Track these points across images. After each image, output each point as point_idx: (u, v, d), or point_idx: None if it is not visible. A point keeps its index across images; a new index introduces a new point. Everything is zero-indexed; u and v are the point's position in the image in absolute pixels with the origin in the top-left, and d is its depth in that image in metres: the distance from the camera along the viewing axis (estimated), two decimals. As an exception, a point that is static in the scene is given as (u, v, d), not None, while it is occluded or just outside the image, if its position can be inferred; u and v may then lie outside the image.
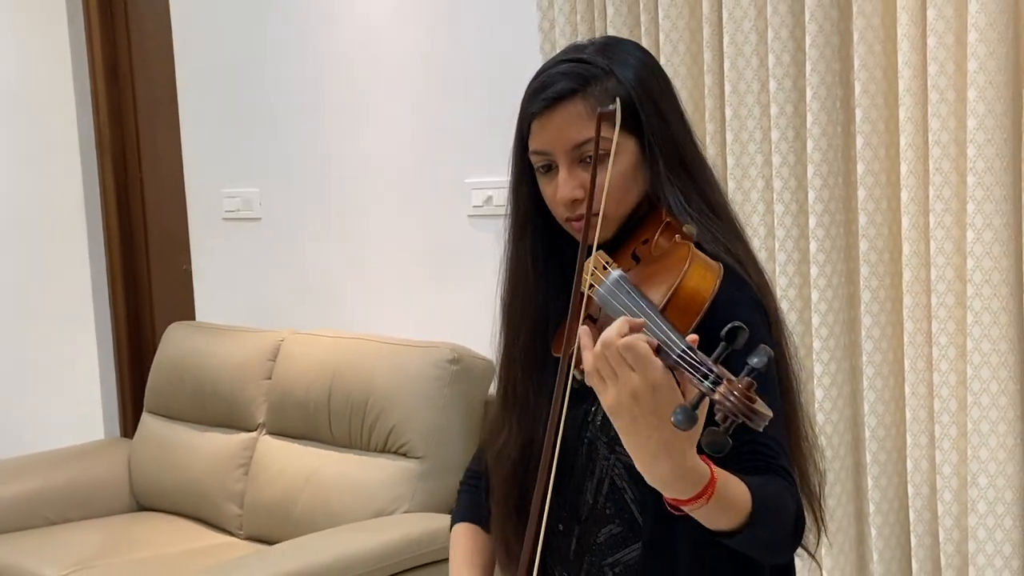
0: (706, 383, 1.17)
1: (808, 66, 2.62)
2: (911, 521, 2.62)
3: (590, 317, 1.44)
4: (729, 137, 2.79)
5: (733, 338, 1.19)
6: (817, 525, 1.63)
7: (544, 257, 1.62)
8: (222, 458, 3.77)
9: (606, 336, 1.26)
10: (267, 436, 3.70)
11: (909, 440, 2.60)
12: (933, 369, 2.55)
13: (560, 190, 1.54)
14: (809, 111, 2.64)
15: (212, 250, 4.39)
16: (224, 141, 4.26)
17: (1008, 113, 2.39)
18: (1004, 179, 2.40)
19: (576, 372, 1.39)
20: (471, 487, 1.79)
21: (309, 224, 4.02)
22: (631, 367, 1.24)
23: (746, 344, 1.20)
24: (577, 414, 1.55)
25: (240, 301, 4.29)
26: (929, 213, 2.51)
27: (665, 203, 1.53)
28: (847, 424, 2.72)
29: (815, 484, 1.62)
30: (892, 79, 2.58)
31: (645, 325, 1.28)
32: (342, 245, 3.93)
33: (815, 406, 2.68)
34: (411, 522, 3.12)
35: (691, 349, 1.22)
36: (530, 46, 3.13)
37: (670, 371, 1.25)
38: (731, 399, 1.14)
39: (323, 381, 3.52)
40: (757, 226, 2.79)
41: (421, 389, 3.30)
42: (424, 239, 3.69)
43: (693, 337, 1.26)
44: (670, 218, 1.52)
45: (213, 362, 3.90)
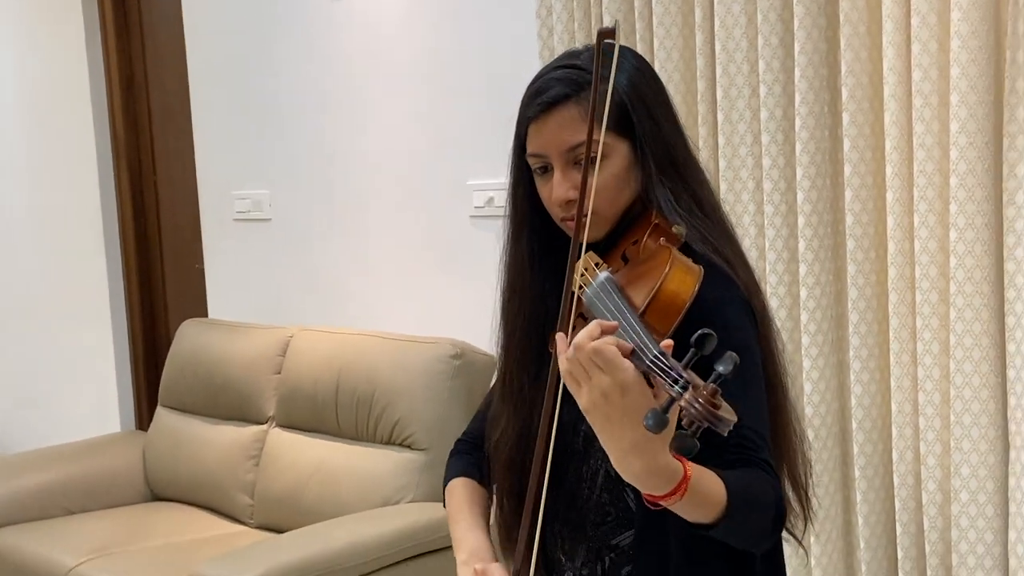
0: (676, 387, 1.17)
1: (797, 72, 2.62)
2: (896, 510, 2.62)
3: (582, 316, 1.44)
4: (721, 140, 2.78)
5: (702, 344, 1.19)
6: (804, 512, 1.62)
7: (541, 256, 1.61)
8: (234, 450, 3.77)
9: (578, 340, 1.27)
10: (277, 429, 3.70)
11: (895, 432, 2.60)
12: (917, 363, 2.55)
13: (555, 191, 1.54)
14: (798, 115, 2.63)
15: (223, 250, 4.39)
16: (235, 145, 4.26)
17: (989, 117, 2.38)
18: (985, 181, 2.39)
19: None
20: (461, 453, 1.79)
21: (317, 224, 4.02)
22: (601, 369, 1.25)
23: (718, 347, 1.20)
24: (572, 407, 1.54)
25: (250, 299, 4.29)
26: (913, 213, 2.51)
27: (656, 204, 1.53)
28: (835, 416, 2.72)
29: (801, 474, 1.61)
30: (878, 84, 2.58)
31: (618, 328, 1.29)
32: (348, 244, 3.92)
33: (804, 399, 2.68)
34: (415, 511, 3.12)
35: (663, 355, 1.22)
36: (529, 53, 3.13)
37: (642, 374, 1.25)
38: (696, 405, 1.15)
39: (330, 376, 3.52)
40: (748, 226, 2.79)
41: (425, 383, 3.30)
42: (427, 239, 3.68)
43: (668, 343, 1.26)
44: (659, 220, 1.52)
45: (225, 357, 3.90)
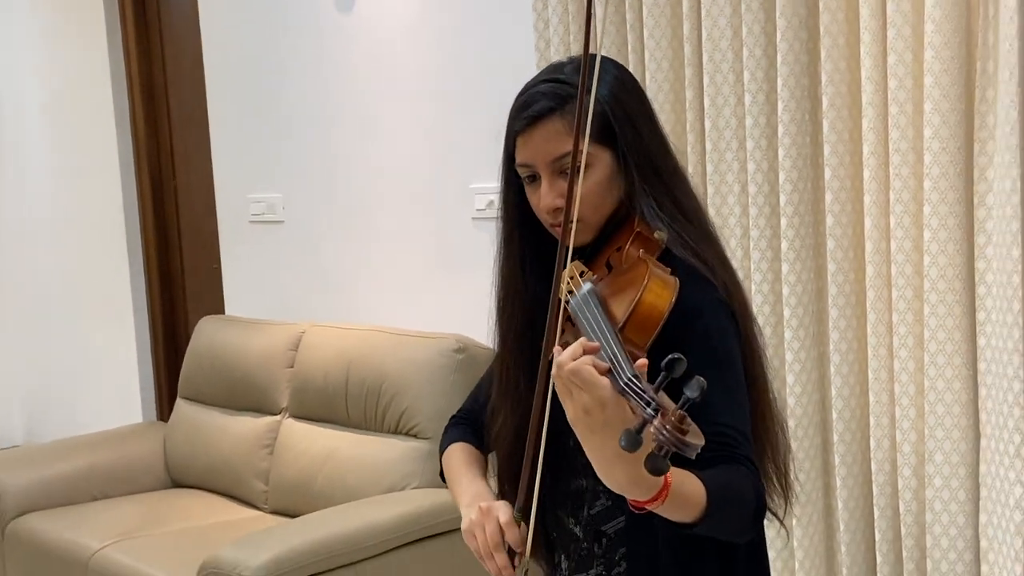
0: (648, 409, 1.17)
1: (779, 81, 2.63)
2: (874, 495, 2.62)
3: (569, 320, 1.45)
4: (708, 146, 2.79)
5: (672, 368, 1.19)
6: (785, 497, 1.63)
7: (532, 260, 1.62)
8: (249, 439, 3.78)
9: (560, 359, 1.28)
10: (290, 419, 3.71)
11: (872, 421, 2.61)
12: (894, 356, 2.56)
13: (543, 200, 1.55)
14: (780, 122, 2.64)
15: (239, 250, 4.40)
16: (250, 151, 4.27)
17: (961, 124, 2.39)
18: (957, 184, 2.40)
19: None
20: (457, 425, 1.79)
21: (327, 226, 4.03)
22: (581, 388, 1.25)
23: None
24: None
25: (265, 297, 4.30)
26: (890, 215, 2.52)
27: (638, 210, 1.53)
28: (816, 407, 2.73)
29: (782, 461, 1.62)
30: (856, 93, 2.58)
31: (599, 349, 1.29)
32: (357, 245, 3.93)
33: (787, 390, 2.69)
34: (420, 497, 3.13)
35: (636, 377, 1.23)
36: (527, 64, 3.12)
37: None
38: (664, 432, 1.14)
39: (340, 369, 3.53)
40: (734, 227, 2.79)
41: (429, 376, 3.30)
42: (431, 239, 3.69)
43: (642, 362, 1.27)
44: (641, 227, 1.52)
45: (241, 352, 3.90)
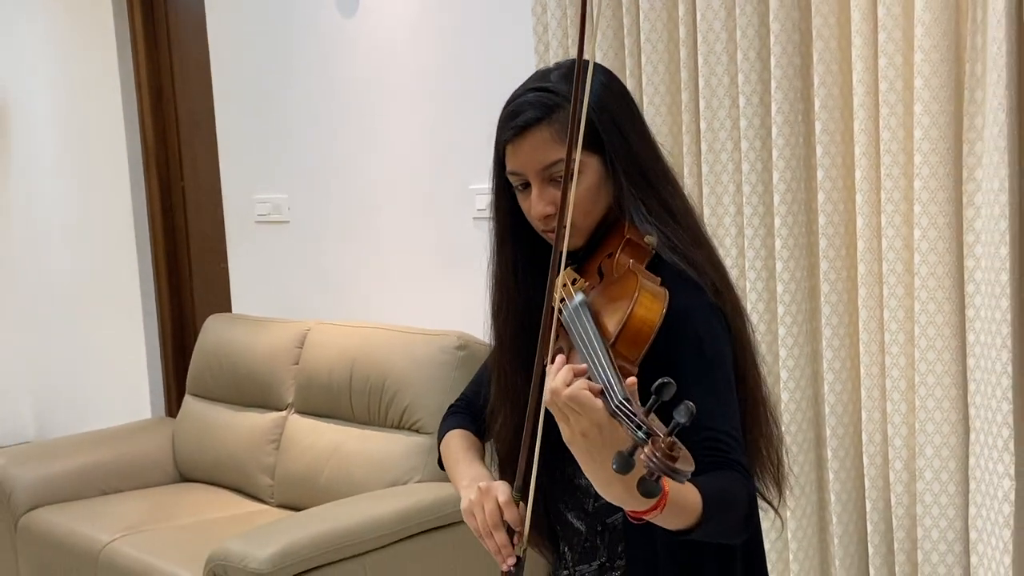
0: (639, 433, 1.16)
1: (773, 84, 2.62)
2: (866, 488, 2.62)
3: (562, 326, 1.44)
4: (704, 147, 2.79)
5: (661, 392, 1.17)
6: (779, 488, 1.63)
7: (525, 265, 1.60)
8: (256, 435, 3.78)
9: (554, 385, 1.26)
10: (295, 415, 3.70)
11: (864, 415, 2.61)
12: (885, 352, 2.55)
13: (534, 207, 1.53)
14: (774, 124, 2.64)
15: (246, 250, 4.39)
16: (256, 153, 4.27)
17: (950, 125, 2.39)
18: (946, 183, 2.40)
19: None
20: (455, 412, 1.78)
21: (331, 226, 4.02)
22: (578, 413, 1.24)
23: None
24: None
25: (271, 295, 4.29)
26: (881, 214, 2.52)
27: (628, 215, 1.52)
28: (809, 402, 2.72)
29: (775, 453, 1.61)
30: (847, 96, 2.58)
31: (588, 371, 1.28)
32: (360, 245, 3.93)
33: (780, 386, 2.68)
34: (423, 491, 3.12)
35: (627, 400, 1.21)
36: (527, 67, 3.12)
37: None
38: (654, 460, 1.14)
39: (344, 366, 3.52)
40: (729, 226, 2.79)
41: (431, 372, 3.30)
42: (433, 239, 3.69)
43: (631, 380, 1.26)
44: (631, 233, 1.51)
45: (247, 349, 3.90)
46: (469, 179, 3.51)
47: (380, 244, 3.86)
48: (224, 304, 4.54)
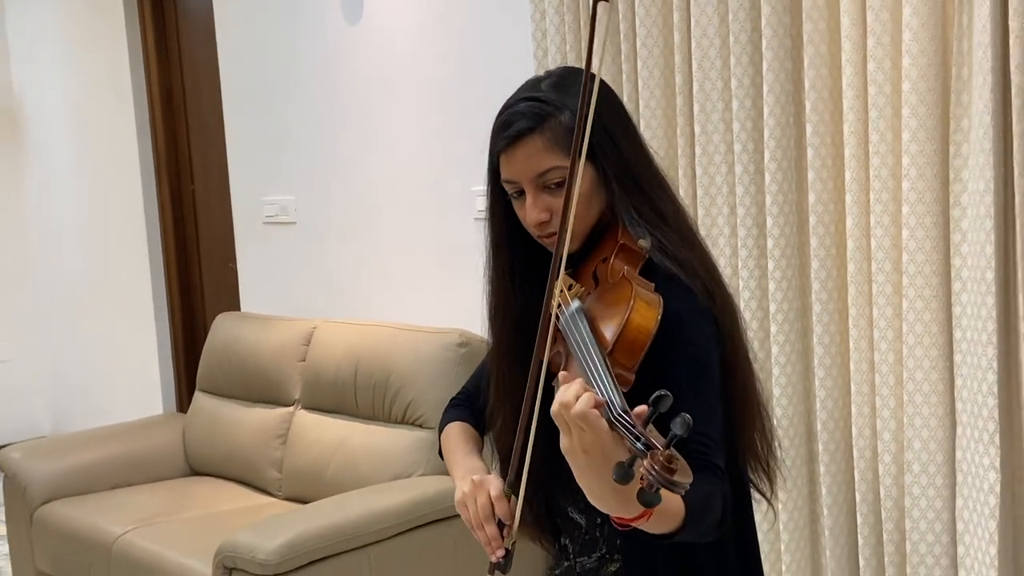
0: (638, 444, 1.16)
1: (765, 88, 2.62)
2: (855, 480, 2.62)
3: (559, 330, 1.43)
4: (698, 150, 2.79)
5: (658, 404, 1.17)
6: (770, 479, 1.63)
7: (520, 269, 1.60)
8: (264, 430, 3.78)
9: (564, 398, 1.24)
10: (302, 410, 3.70)
11: (853, 410, 2.61)
12: (874, 349, 2.55)
13: (528, 214, 1.53)
14: (766, 127, 2.64)
15: (254, 250, 4.40)
16: (264, 156, 4.27)
17: (937, 127, 2.39)
18: (933, 184, 2.40)
19: (554, 384, 1.38)
20: (455, 406, 1.77)
21: (337, 227, 4.02)
22: (584, 430, 1.23)
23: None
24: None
25: (278, 294, 4.30)
26: (870, 214, 2.52)
27: (620, 220, 1.51)
28: (800, 398, 2.72)
29: (767, 446, 1.61)
30: (837, 99, 2.58)
31: (589, 377, 1.28)
32: (365, 244, 3.93)
33: (772, 382, 2.68)
34: (425, 484, 3.13)
35: (626, 412, 1.21)
36: (527, 72, 3.12)
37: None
38: (653, 472, 1.13)
39: (350, 362, 3.52)
40: (723, 226, 2.79)
41: (434, 369, 3.30)
42: (436, 239, 3.69)
43: (626, 380, 1.26)
44: (625, 238, 1.50)
45: (255, 347, 3.90)
46: (470, 181, 3.51)
47: (384, 244, 3.86)
48: (233, 303, 4.54)
